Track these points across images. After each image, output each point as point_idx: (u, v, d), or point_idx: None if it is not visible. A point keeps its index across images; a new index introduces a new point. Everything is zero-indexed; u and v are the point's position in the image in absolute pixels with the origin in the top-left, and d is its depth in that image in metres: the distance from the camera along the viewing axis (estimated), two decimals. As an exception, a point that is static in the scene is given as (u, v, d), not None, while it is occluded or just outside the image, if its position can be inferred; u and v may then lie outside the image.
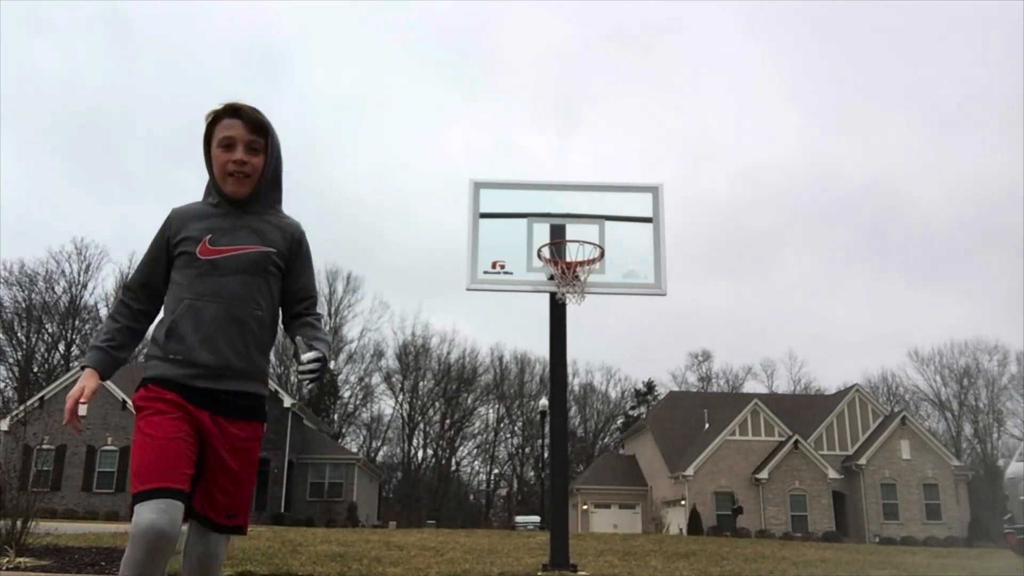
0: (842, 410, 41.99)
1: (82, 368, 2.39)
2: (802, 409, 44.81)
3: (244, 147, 2.43)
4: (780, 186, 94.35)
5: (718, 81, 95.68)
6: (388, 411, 70.08)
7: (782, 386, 69.65)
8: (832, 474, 38.00)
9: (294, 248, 2.55)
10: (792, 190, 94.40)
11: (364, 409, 66.42)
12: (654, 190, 9.27)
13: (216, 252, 2.40)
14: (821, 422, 41.65)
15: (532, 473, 68.62)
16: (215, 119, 2.48)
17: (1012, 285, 77.42)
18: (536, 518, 44.87)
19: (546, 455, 43.15)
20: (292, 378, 59.16)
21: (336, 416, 63.22)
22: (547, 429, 17.68)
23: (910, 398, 64.37)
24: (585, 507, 43.64)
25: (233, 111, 2.46)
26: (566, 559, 8.20)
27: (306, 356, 2.38)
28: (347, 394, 65.58)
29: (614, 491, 44.97)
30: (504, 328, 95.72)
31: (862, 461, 38.92)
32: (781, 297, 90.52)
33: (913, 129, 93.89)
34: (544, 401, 36.62)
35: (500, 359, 70.86)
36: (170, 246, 2.45)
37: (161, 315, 2.48)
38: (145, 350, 2.52)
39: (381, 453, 67.06)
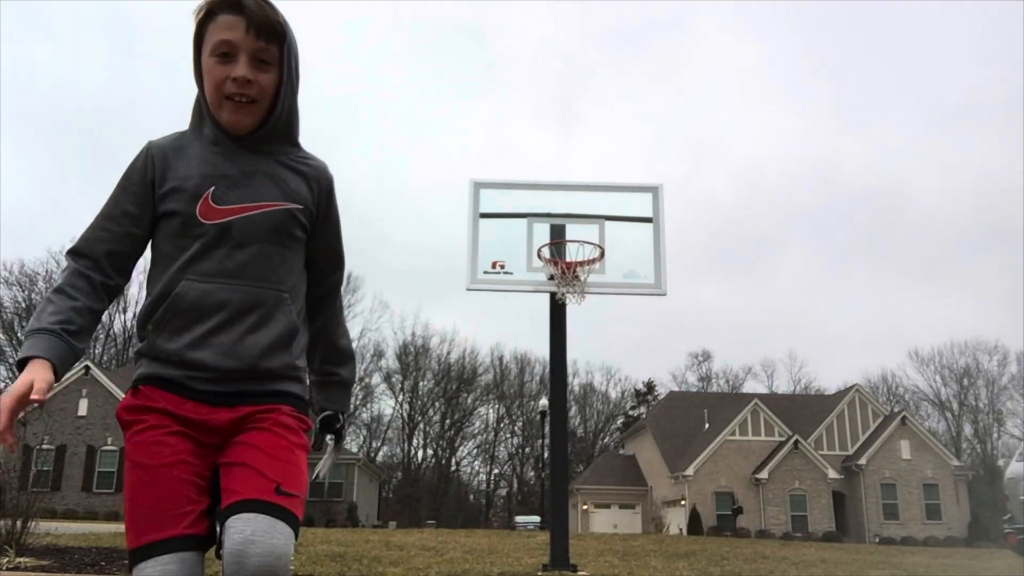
0: (842, 410, 42.00)
1: (19, 365, 1.57)
2: (802, 409, 44.83)
3: (249, 59, 1.70)
4: (781, 185, 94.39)
5: (720, 80, 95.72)
6: (388, 411, 70.04)
7: (782, 386, 69.68)
8: (832, 474, 38.01)
9: (323, 202, 1.83)
10: (793, 189, 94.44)
11: (364, 409, 66.40)
12: (654, 190, 9.27)
13: (226, 213, 1.68)
14: (821, 422, 41.67)
15: (532, 473, 68.64)
16: (208, 15, 1.72)
17: (1012, 285, 77.43)
18: (536, 518, 44.87)
19: (546, 455, 43.17)
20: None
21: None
22: (547, 429, 17.71)
23: (910, 398, 64.41)
24: (585, 507, 43.65)
25: (233, 4, 1.70)
26: (566, 559, 8.20)
27: (320, 467, 1.91)
28: (347, 394, 65.51)
29: (614, 491, 44.97)
30: (504, 328, 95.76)
31: (862, 461, 38.93)
32: (781, 297, 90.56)
33: (914, 128, 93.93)
34: (544, 401, 36.63)
35: (500, 359, 70.89)
36: (155, 195, 1.71)
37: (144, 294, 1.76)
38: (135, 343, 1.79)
39: (381, 453, 67.08)
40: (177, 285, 1.66)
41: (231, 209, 1.70)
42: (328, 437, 1.92)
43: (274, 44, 1.72)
